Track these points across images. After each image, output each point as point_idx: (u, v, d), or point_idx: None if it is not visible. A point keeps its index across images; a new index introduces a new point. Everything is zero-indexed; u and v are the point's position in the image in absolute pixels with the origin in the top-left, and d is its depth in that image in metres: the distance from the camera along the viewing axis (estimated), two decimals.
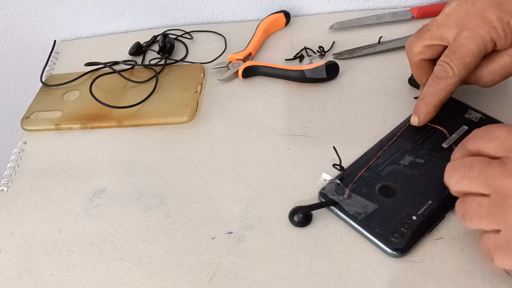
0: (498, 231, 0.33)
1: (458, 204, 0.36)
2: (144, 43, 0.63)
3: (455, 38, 0.42)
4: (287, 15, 0.63)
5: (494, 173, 0.33)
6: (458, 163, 0.36)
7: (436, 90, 0.43)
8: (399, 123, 0.47)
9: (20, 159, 0.51)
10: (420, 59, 0.45)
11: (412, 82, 0.51)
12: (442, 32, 0.43)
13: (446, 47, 0.43)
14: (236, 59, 0.57)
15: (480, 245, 0.35)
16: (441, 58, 0.43)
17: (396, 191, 0.41)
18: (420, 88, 0.50)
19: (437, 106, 0.44)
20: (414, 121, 0.46)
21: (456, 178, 0.35)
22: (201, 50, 0.62)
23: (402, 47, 0.56)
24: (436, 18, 0.44)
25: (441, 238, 0.38)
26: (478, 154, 0.35)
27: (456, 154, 0.38)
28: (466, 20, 0.41)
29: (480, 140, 0.35)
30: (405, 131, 0.46)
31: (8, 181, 0.49)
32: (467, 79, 0.44)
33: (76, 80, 0.57)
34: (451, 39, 0.42)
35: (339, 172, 0.43)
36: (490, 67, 0.42)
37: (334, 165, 0.44)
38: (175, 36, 0.64)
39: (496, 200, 0.33)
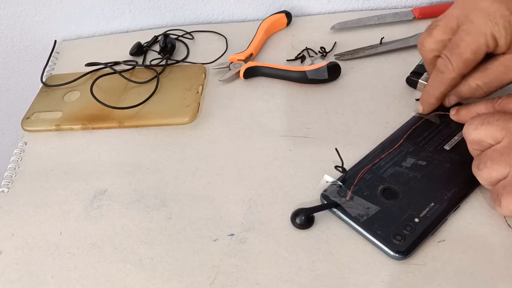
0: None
1: (475, 157, 0.39)
2: (145, 43, 0.63)
3: (458, 31, 0.41)
4: (288, 15, 0.63)
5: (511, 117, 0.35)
6: (481, 114, 0.40)
7: (436, 82, 0.44)
8: (401, 124, 0.47)
9: (20, 160, 0.51)
10: (434, 56, 0.44)
11: (410, 81, 0.51)
12: (452, 25, 0.41)
13: None
14: (237, 60, 0.57)
15: (490, 195, 0.37)
16: (443, 51, 0.42)
17: (398, 193, 0.41)
18: None
19: (438, 98, 0.45)
20: (419, 109, 0.47)
21: (475, 124, 0.38)
22: (202, 50, 0.62)
23: (404, 48, 0.56)
24: (446, 11, 0.42)
25: (443, 240, 0.38)
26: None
27: (481, 107, 0.42)
28: (471, 12, 0.40)
29: (507, 99, 0.40)
30: (409, 134, 0.46)
31: (9, 182, 0.48)
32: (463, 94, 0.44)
33: (77, 81, 0.57)
34: None
35: (341, 174, 0.43)
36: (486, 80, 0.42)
37: (336, 167, 0.43)
38: (176, 36, 0.64)
39: (508, 140, 0.34)
